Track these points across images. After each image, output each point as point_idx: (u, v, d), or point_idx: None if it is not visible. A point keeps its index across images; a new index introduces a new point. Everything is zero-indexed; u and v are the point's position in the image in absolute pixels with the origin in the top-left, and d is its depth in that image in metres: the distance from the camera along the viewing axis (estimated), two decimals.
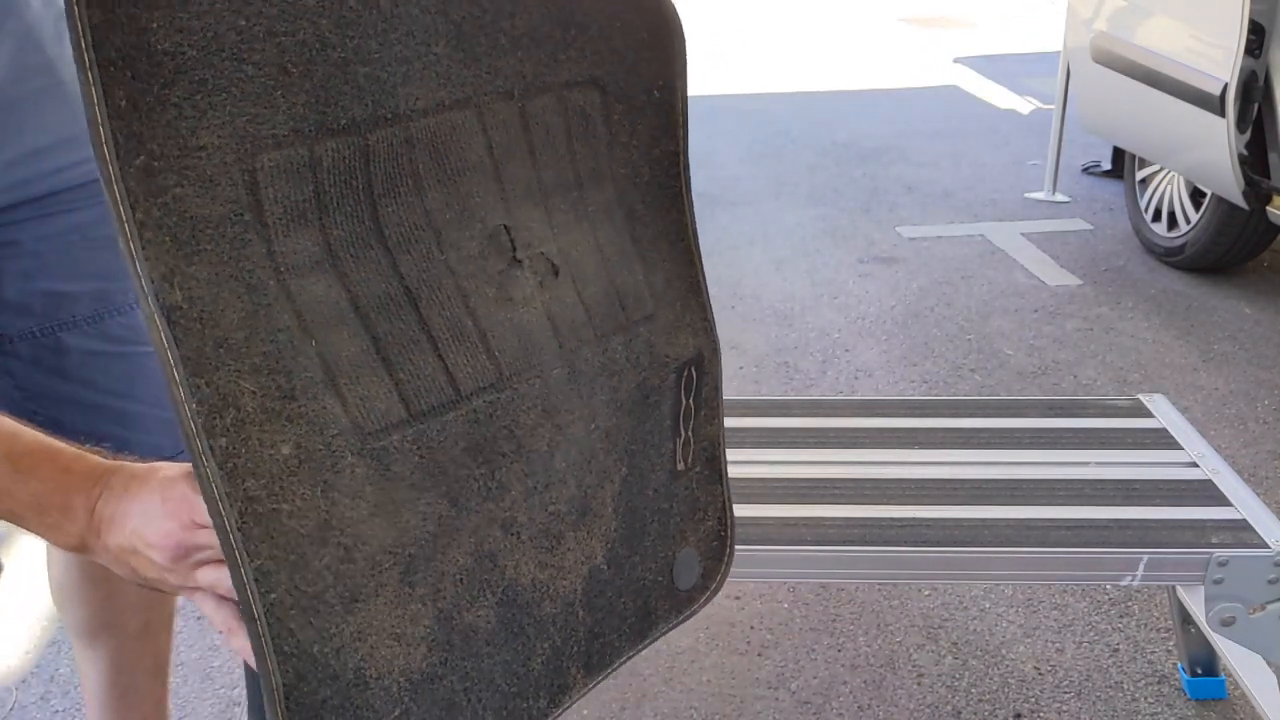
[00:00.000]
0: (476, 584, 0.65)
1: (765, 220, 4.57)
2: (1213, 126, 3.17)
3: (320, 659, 0.57)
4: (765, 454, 1.64)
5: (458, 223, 0.64)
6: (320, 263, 0.57)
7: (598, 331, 0.72)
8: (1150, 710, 1.84)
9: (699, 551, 0.83)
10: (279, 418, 0.55)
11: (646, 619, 0.80)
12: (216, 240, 0.53)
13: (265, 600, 0.55)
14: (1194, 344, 3.27)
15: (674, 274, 0.79)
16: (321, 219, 0.57)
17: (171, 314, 0.52)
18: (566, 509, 0.71)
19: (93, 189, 1.14)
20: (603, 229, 0.74)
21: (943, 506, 1.48)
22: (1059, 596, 2.13)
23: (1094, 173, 5.02)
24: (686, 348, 0.79)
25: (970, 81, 7.39)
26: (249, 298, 0.54)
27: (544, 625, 0.70)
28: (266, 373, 0.55)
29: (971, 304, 3.62)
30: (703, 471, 0.82)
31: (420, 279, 0.62)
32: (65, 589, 1.40)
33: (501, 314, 0.66)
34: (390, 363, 0.60)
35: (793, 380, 3.11)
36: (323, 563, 0.57)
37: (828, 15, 10.69)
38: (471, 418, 0.64)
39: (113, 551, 0.73)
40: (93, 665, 1.44)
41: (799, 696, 1.89)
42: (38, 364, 1.14)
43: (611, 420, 0.74)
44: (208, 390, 0.53)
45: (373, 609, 0.59)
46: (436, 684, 0.64)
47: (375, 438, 0.59)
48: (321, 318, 0.57)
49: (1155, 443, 1.65)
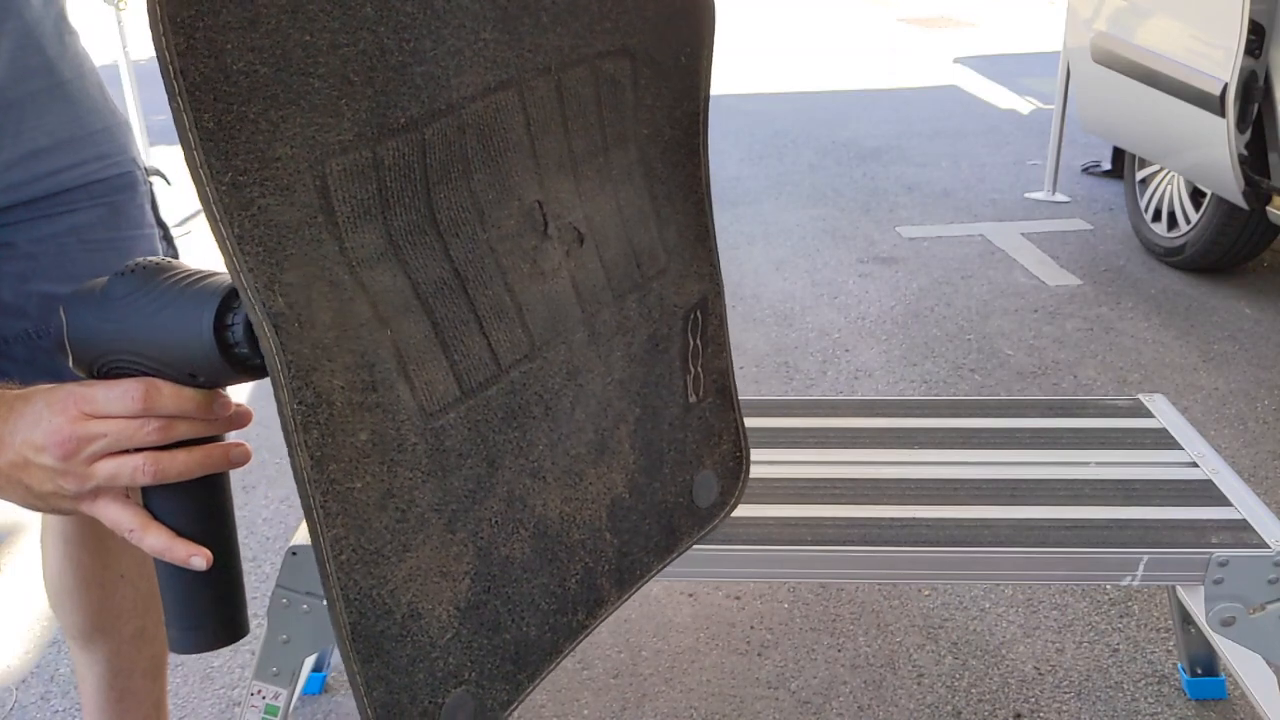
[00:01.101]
0: (510, 524, 0.70)
1: (765, 220, 4.57)
2: (1213, 126, 3.17)
3: (378, 600, 0.63)
4: (765, 454, 1.64)
5: (498, 202, 0.67)
6: (384, 254, 0.60)
7: (615, 292, 0.76)
8: (1150, 710, 1.84)
9: (716, 472, 0.89)
10: (360, 409, 0.60)
11: (671, 536, 0.85)
12: (299, 244, 0.56)
13: (336, 561, 0.60)
14: (1194, 344, 3.27)
15: (686, 225, 0.82)
16: (384, 213, 0.60)
17: (278, 320, 0.55)
18: (585, 451, 0.76)
19: (91, 191, 1.14)
20: (624, 190, 0.76)
21: (943, 506, 1.48)
22: (1059, 596, 2.13)
23: (1094, 173, 5.02)
24: (693, 294, 0.83)
25: (970, 81, 7.39)
26: (333, 296, 0.58)
27: (574, 550, 0.76)
28: (354, 369, 0.59)
29: (971, 304, 3.61)
30: (715, 401, 0.87)
31: (467, 260, 0.65)
32: (60, 592, 1.40)
33: (535, 287, 0.69)
34: (447, 345, 0.64)
35: (793, 380, 3.11)
36: (382, 524, 0.62)
37: (828, 15, 10.69)
38: (509, 388, 0.68)
39: (3, 472, 0.71)
40: (89, 668, 1.44)
41: (799, 696, 1.89)
42: (33, 366, 1.14)
43: (626, 371, 0.78)
44: (308, 391, 0.57)
45: (421, 555, 0.65)
46: (482, 609, 0.69)
47: (435, 418, 0.64)
48: (392, 307, 0.61)
49: (1155, 443, 1.65)
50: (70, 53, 1.11)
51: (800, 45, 9.10)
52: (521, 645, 0.73)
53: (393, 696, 0.64)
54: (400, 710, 0.65)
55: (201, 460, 0.71)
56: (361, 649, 0.62)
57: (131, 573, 1.40)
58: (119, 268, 0.68)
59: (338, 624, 0.61)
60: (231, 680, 1.96)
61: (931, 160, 5.41)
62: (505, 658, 0.71)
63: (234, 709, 1.90)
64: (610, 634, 2.06)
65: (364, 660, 0.62)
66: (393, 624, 0.63)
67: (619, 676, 1.95)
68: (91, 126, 1.13)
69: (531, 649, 0.74)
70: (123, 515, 0.72)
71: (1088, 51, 3.89)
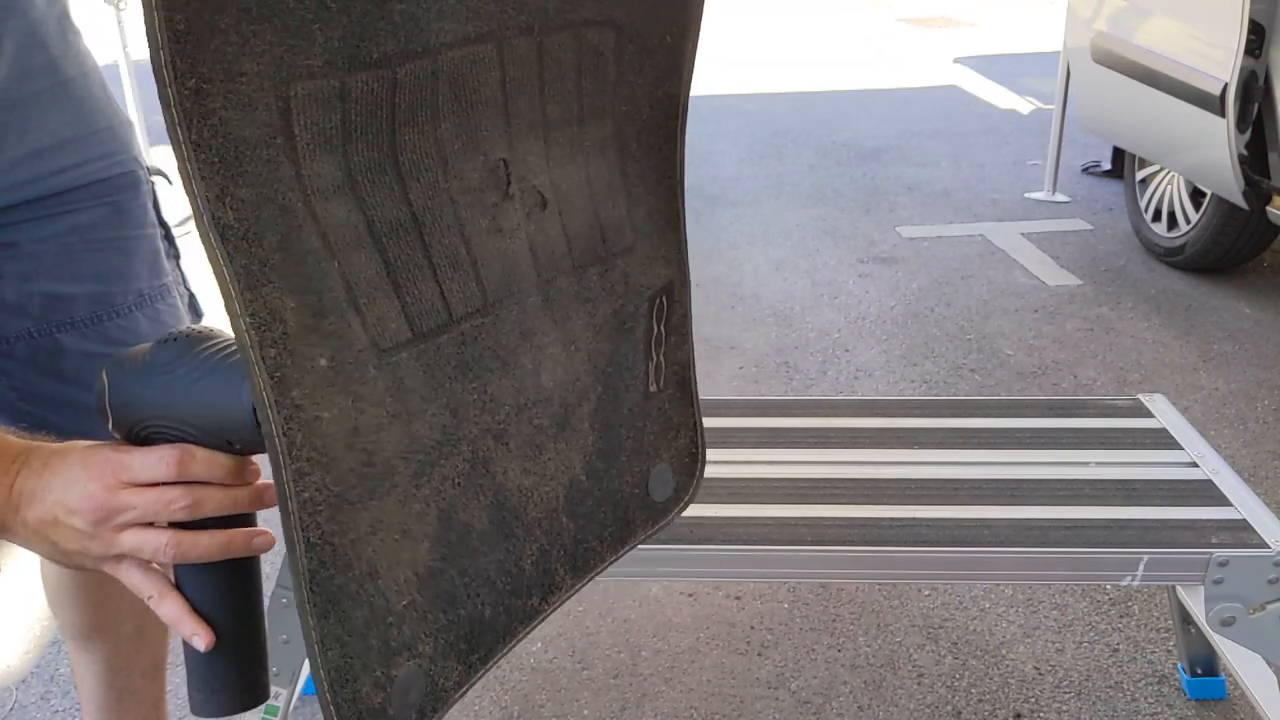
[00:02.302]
0: (472, 487, 0.70)
1: (765, 220, 4.57)
2: (1213, 126, 3.17)
3: (339, 550, 0.62)
4: (765, 454, 1.64)
5: (463, 153, 0.67)
6: (341, 187, 0.60)
7: (576, 262, 0.76)
8: (1150, 710, 1.84)
9: (672, 467, 0.88)
10: (315, 332, 0.59)
11: (626, 527, 0.85)
12: (256, 163, 0.56)
13: (300, 498, 0.60)
14: (1194, 344, 3.27)
15: (656, 208, 0.82)
16: (345, 146, 0.60)
17: (225, 232, 0.55)
18: (548, 423, 0.75)
19: (93, 190, 1.14)
20: (595, 163, 0.76)
21: (943, 506, 1.48)
22: (1059, 596, 2.13)
23: (1094, 173, 5.02)
24: (660, 277, 0.83)
25: (970, 81, 7.39)
26: (284, 220, 0.58)
27: (531, 528, 0.76)
28: (302, 291, 0.59)
29: (971, 304, 3.61)
30: (675, 394, 0.87)
31: (425, 206, 0.65)
32: (59, 592, 1.40)
33: (492, 244, 0.69)
34: (399, 286, 0.64)
35: (793, 380, 3.11)
36: (348, 465, 0.62)
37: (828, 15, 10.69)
38: (460, 339, 0.68)
39: (31, 526, 0.72)
40: (88, 668, 1.44)
41: (799, 696, 1.89)
42: (34, 365, 1.14)
43: (592, 344, 0.78)
44: (258, 305, 0.56)
45: (385, 507, 0.64)
46: (439, 578, 0.69)
47: (389, 354, 0.64)
48: (343, 240, 0.61)
49: (1155, 443, 1.65)
50: (73, 51, 1.11)
51: (800, 45, 9.10)
52: (476, 624, 0.72)
53: (346, 660, 0.64)
54: (353, 676, 0.64)
55: (224, 544, 0.73)
56: (319, 602, 0.62)
57: None
58: (162, 335, 0.70)
59: (295, 570, 0.60)
60: None
61: (931, 160, 5.41)
62: (459, 635, 0.71)
63: None
64: (610, 634, 2.06)
65: (320, 615, 0.62)
66: (351, 579, 0.63)
67: (619, 676, 1.95)
68: (95, 125, 1.13)
69: (486, 629, 0.73)
70: (144, 581, 0.73)
71: (1088, 51, 3.89)
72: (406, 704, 0.67)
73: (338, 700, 0.63)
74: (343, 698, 0.63)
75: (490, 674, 1.95)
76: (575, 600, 2.15)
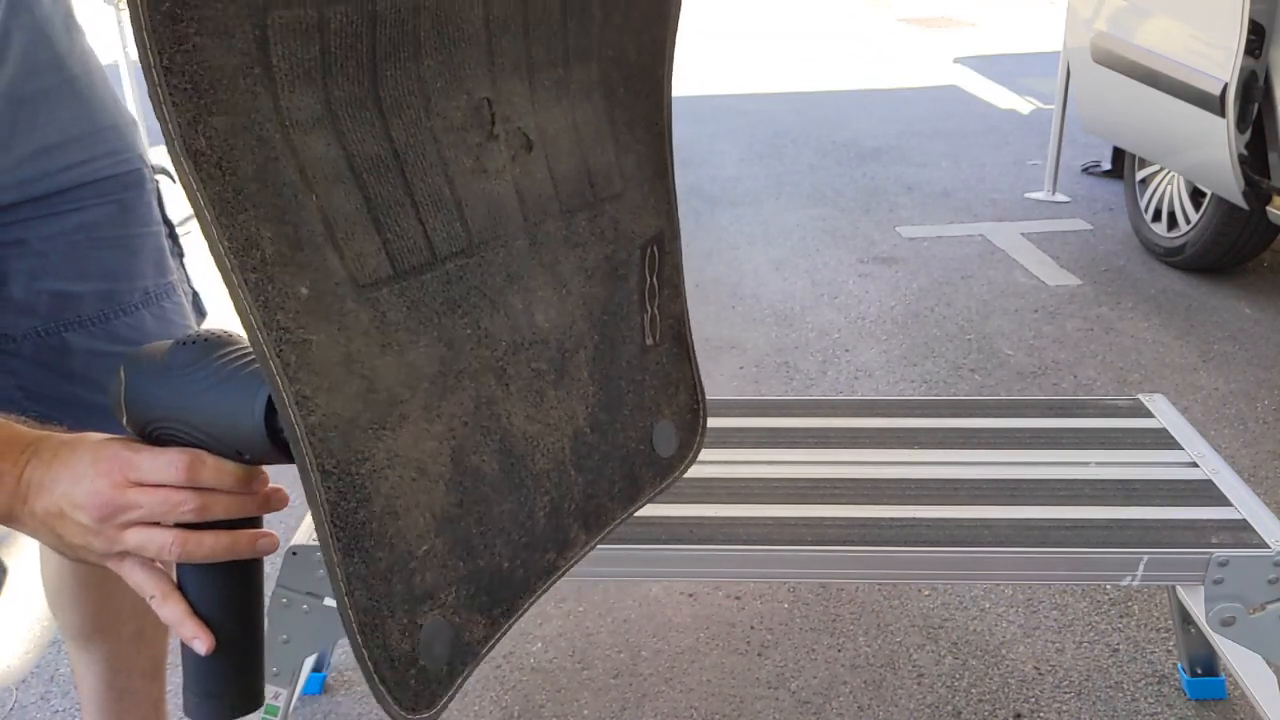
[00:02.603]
0: (479, 428, 0.70)
1: (765, 220, 4.57)
2: (1213, 126, 3.17)
3: (357, 479, 0.62)
4: (765, 454, 1.64)
5: (446, 92, 0.66)
6: (321, 120, 0.60)
7: (564, 207, 0.75)
8: (1150, 710, 1.84)
9: (675, 424, 0.88)
10: (292, 263, 0.59)
11: (634, 484, 0.85)
12: (231, 91, 0.56)
13: (306, 423, 0.59)
14: (1194, 344, 3.27)
15: (644, 156, 0.81)
16: (325, 78, 0.60)
17: (197, 159, 0.55)
18: (547, 368, 0.75)
19: (100, 187, 1.14)
20: (581, 107, 0.76)
21: (943, 506, 1.48)
22: (1059, 596, 2.13)
23: (1094, 173, 5.02)
24: (650, 226, 0.83)
25: (970, 81, 7.39)
26: (260, 150, 0.57)
27: (540, 479, 0.75)
28: (278, 221, 0.58)
29: (971, 304, 3.61)
30: (671, 349, 0.87)
31: (408, 143, 0.64)
32: (59, 593, 1.40)
33: (476, 184, 0.69)
34: (379, 222, 0.63)
35: (793, 380, 3.11)
36: (351, 390, 0.61)
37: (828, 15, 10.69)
38: (444, 278, 0.67)
39: (39, 517, 0.72)
40: (88, 668, 1.44)
41: (799, 696, 1.89)
42: (41, 364, 1.14)
43: (585, 288, 0.77)
44: (235, 230, 0.56)
45: (399, 438, 0.64)
46: (456, 524, 0.68)
47: (369, 290, 0.63)
48: (321, 174, 0.60)
49: (1155, 443, 1.65)
50: (78, 49, 1.12)
51: (800, 45, 9.10)
52: (495, 576, 0.72)
53: (374, 603, 0.63)
54: (380, 621, 0.63)
55: (229, 545, 0.73)
56: (342, 539, 0.61)
57: None
58: (182, 337, 0.70)
59: (314, 502, 0.60)
60: None
61: (931, 160, 5.41)
62: (480, 586, 0.70)
63: None
64: (610, 634, 2.06)
65: (345, 553, 0.61)
66: (371, 516, 0.62)
67: (619, 676, 1.95)
68: (100, 123, 1.13)
69: (505, 582, 0.72)
70: (146, 581, 0.73)
71: (1088, 51, 3.89)
72: (434, 655, 0.67)
73: (369, 644, 0.63)
74: (373, 641, 0.63)
75: (490, 674, 1.95)
76: (575, 600, 2.15)
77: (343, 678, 1.95)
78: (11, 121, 1.04)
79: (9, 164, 1.05)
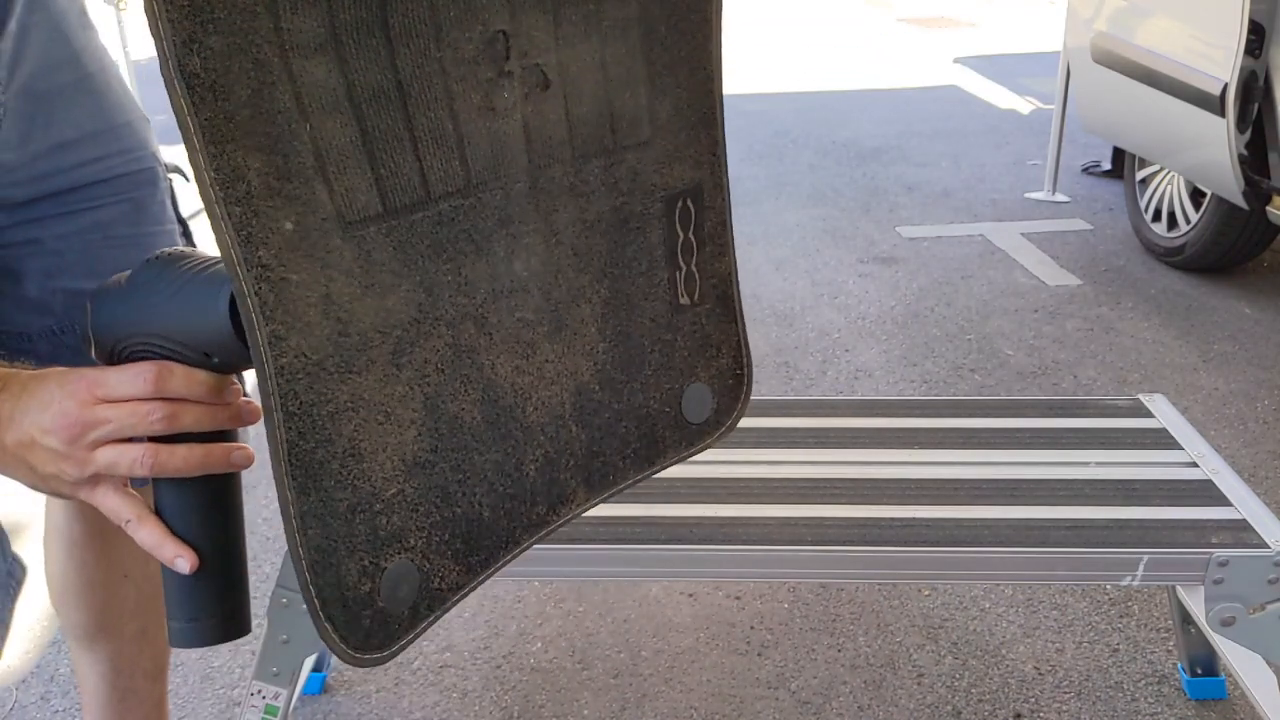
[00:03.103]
0: (457, 376, 0.68)
1: (765, 220, 4.57)
2: (1213, 126, 3.17)
3: (319, 421, 0.61)
4: (765, 454, 1.64)
5: (459, 21, 0.63)
6: (324, 45, 0.58)
7: (577, 152, 0.72)
8: (1150, 710, 1.84)
9: (712, 388, 0.84)
10: (279, 195, 0.57)
11: (653, 446, 0.81)
12: (230, 10, 0.54)
13: (276, 363, 0.58)
14: (1194, 344, 3.27)
15: (686, 103, 0.77)
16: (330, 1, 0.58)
17: (191, 80, 0.53)
18: (535, 318, 0.72)
19: (114, 186, 1.14)
20: (613, 46, 0.71)
21: (943, 506, 1.48)
22: (1059, 596, 2.13)
23: (1094, 173, 5.02)
24: (680, 179, 0.78)
25: (970, 81, 7.39)
26: (255, 74, 0.55)
27: (532, 432, 0.73)
28: (268, 151, 0.56)
29: (971, 304, 3.62)
30: (714, 309, 0.82)
31: (413, 75, 0.62)
32: (63, 592, 1.40)
33: (481, 122, 0.66)
34: (374, 157, 0.61)
35: (793, 380, 3.11)
36: (324, 333, 0.60)
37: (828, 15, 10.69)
38: (436, 219, 0.65)
39: (10, 450, 0.71)
40: (91, 668, 1.44)
41: (799, 696, 1.89)
42: (56, 361, 1.14)
43: (580, 240, 0.74)
44: (223, 161, 0.55)
45: (365, 381, 0.63)
46: (429, 470, 0.67)
47: (356, 227, 0.61)
48: (318, 103, 0.58)
49: (1155, 443, 1.65)
50: (93, 46, 1.12)
51: (800, 45, 9.10)
52: (474, 524, 0.70)
53: (329, 542, 0.62)
54: (336, 560, 0.62)
55: (202, 458, 0.71)
56: (298, 477, 0.60)
57: (135, 573, 1.40)
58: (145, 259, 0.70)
59: (274, 439, 0.59)
60: (231, 680, 1.96)
61: (931, 160, 5.41)
62: (455, 534, 0.69)
63: (234, 709, 1.90)
64: (610, 634, 2.06)
65: (299, 490, 0.60)
66: (332, 456, 0.61)
67: (619, 676, 1.95)
68: (115, 120, 1.14)
69: (485, 531, 0.71)
70: (121, 505, 0.72)
71: (1088, 51, 3.89)
72: (397, 598, 0.66)
73: (318, 582, 0.62)
74: (325, 580, 0.62)
75: (490, 674, 1.95)
76: (575, 600, 2.15)
77: (343, 678, 1.96)
78: (30, 117, 1.05)
79: (26, 159, 1.06)
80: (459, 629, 2.07)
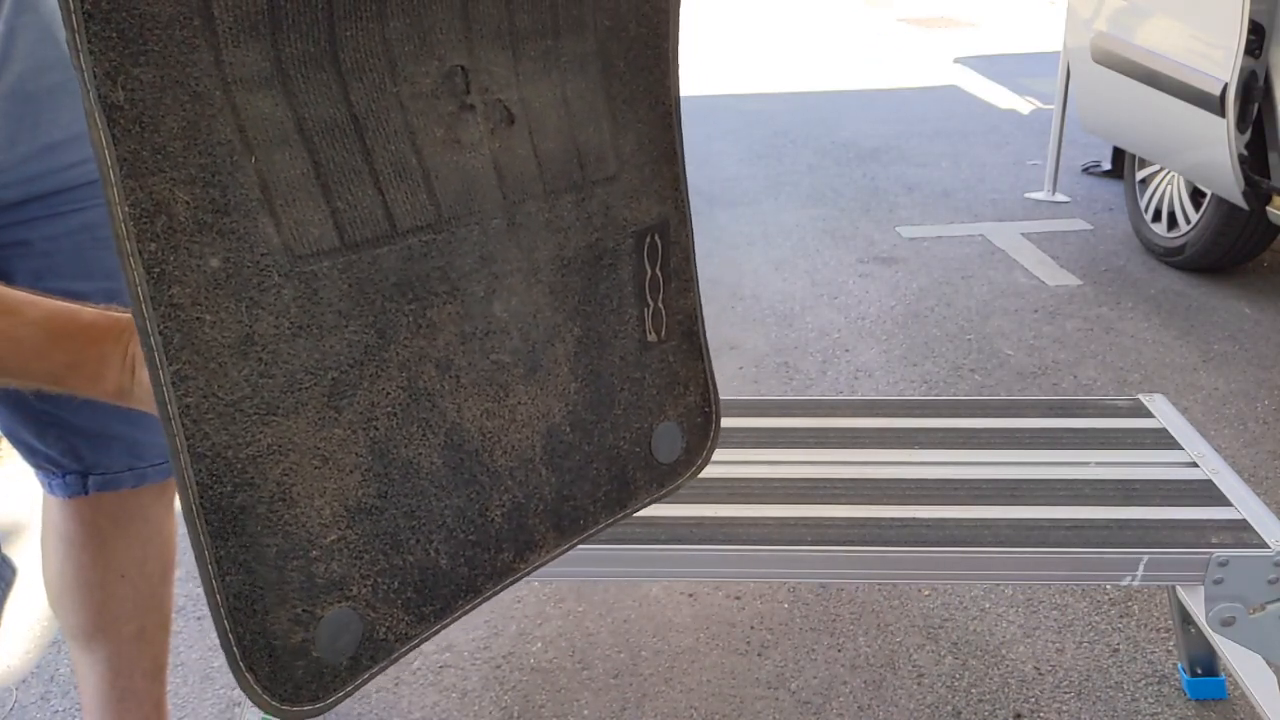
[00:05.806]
0: (414, 421, 0.66)
1: (765, 220, 4.57)
2: (1213, 126, 3.17)
3: (235, 464, 0.58)
4: (765, 454, 1.64)
5: (415, 56, 0.63)
6: (269, 79, 0.57)
7: (548, 187, 0.71)
8: (1150, 710, 1.84)
9: (681, 426, 0.83)
10: (210, 230, 0.56)
11: (624, 488, 0.80)
12: (164, 42, 0.52)
13: (180, 403, 0.56)
14: (1194, 344, 3.27)
15: (646, 137, 0.76)
16: (274, 34, 0.56)
17: (112, 113, 0.52)
18: (511, 360, 0.71)
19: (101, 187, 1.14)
20: (573, 81, 0.71)
21: (943, 506, 1.48)
22: (1059, 596, 2.13)
23: (1094, 173, 5.02)
24: (648, 213, 0.78)
25: (970, 81, 7.39)
26: (192, 106, 0.54)
27: (499, 477, 0.71)
28: (202, 184, 0.55)
29: (971, 304, 3.61)
30: (680, 345, 0.82)
31: (369, 109, 0.61)
32: (62, 593, 1.40)
33: (448, 156, 0.65)
34: (329, 190, 0.60)
35: (793, 380, 3.11)
36: (241, 374, 0.58)
37: (828, 15, 10.69)
38: (405, 254, 0.64)
39: (146, 386, 0.74)
40: (90, 668, 1.44)
41: (799, 696, 1.89)
42: None
43: (557, 277, 0.73)
44: (142, 194, 0.53)
45: (293, 425, 0.61)
46: (376, 516, 0.65)
47: (305, 262, 0.59)
48: (264, 136, 0.57)
49: (1155, 443, 1.65)
50: None
51: (800, 45, 9.10)
52: (428, 572, 0.68)
53: (255, 590, 0.59)
54: (263, 608, 0.60)
55: None
56: (214, 521, 0.57)
57: (132, 573, 1.40)
58: None
59: (181, 482, 0.56)
60: (232, 680, 1.96)
61: (931, 160, 5.41)
62: (406, 582, 0.66)
63: (234, 709, 1.90)
64: (610, 634, 2.06)
65: (216, 535, 0.58)
66: (257, 500, 0.59)
67: (619, 676, 1.95)
68: None
69: (442, 580, 0.68)
70: None
71: (1088, 51, 3.89)
72: (335, 648, 0.63)
73: (238, 630, 0.59)
74: (247, 628, 0.60)
75: (490, 674, 1.95)
76: (575, 600, 2.15)
77: None
78: (18, 118, 1.05)
79: (15, 161, 1.06)
80: (459, 629, 2.07)
